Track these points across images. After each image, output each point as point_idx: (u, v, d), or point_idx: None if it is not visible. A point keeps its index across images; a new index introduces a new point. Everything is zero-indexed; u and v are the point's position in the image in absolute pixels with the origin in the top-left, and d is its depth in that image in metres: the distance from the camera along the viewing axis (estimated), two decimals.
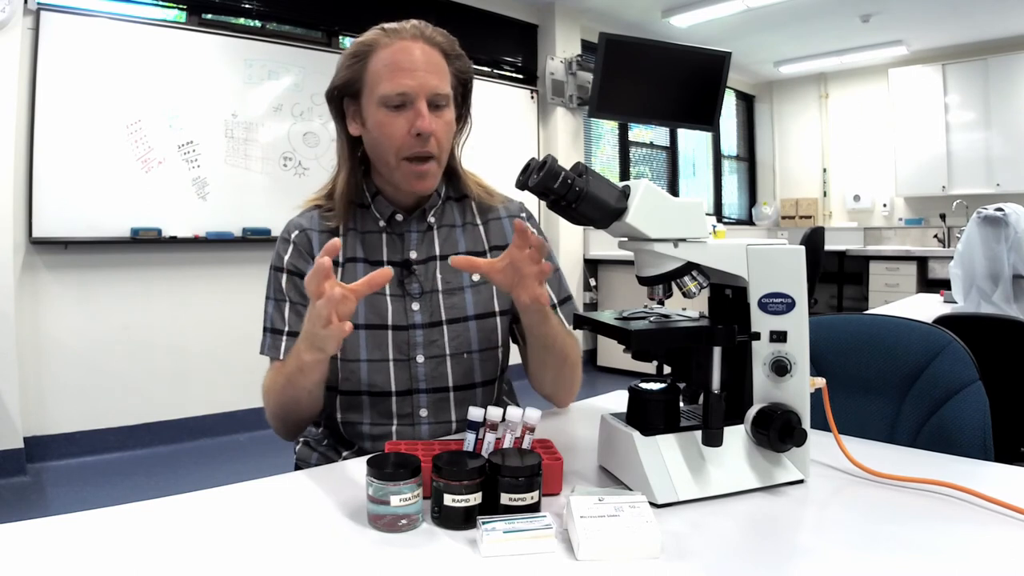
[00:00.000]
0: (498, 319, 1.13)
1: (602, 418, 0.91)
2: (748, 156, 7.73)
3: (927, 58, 6.27)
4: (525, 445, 0.83)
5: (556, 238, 5.08)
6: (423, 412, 1.08)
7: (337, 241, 0.83)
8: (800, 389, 0.85)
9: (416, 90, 1.00)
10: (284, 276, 1.09)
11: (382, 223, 1.12)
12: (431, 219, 1.13)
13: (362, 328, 1.06)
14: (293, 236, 1.11)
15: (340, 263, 1.10)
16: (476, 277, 1.11)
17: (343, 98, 1.07)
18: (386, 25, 1.04)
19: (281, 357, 1.05)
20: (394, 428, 1.08)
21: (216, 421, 3.52)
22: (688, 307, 0.89)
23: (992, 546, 0.69)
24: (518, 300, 0.95)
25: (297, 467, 1.17)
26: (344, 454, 1.11)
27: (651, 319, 0.86)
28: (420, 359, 1.08)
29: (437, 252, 1.11)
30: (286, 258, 1.10)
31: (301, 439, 1.19)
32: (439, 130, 1.02)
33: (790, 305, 0.84)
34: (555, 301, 1.16)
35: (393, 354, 1.07)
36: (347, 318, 0.84)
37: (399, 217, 1.11)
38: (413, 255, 1.11)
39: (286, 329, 1.08)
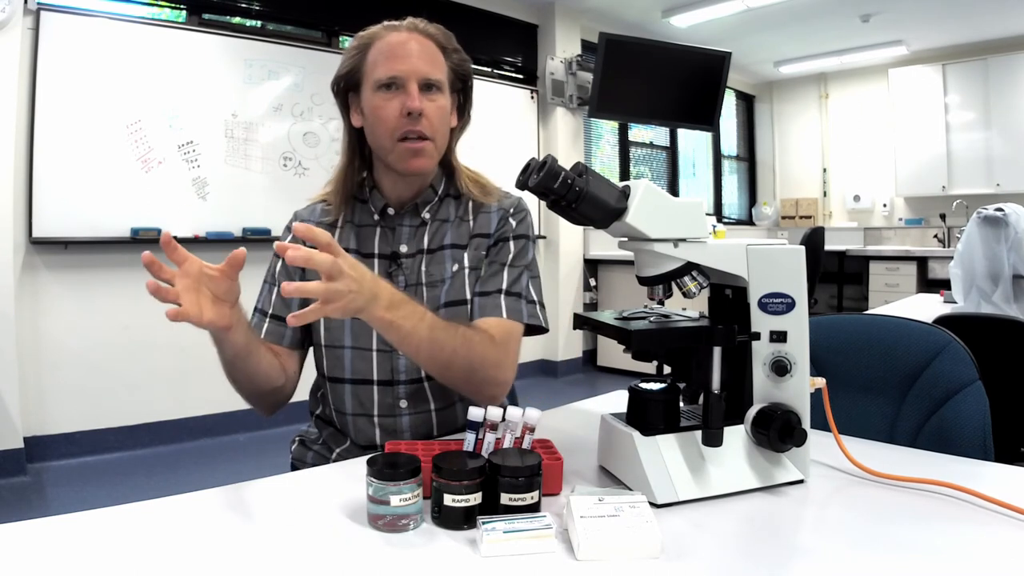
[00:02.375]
0: (468, 307, 1.13)
1: (602, 418, 0.91)
2: (748, 156, 7.72)
3: (927, 58, 6.27)
4: (525, 445, 0.83)
5: (556, 238, 5.08)
6: (403, 403, 1.11)
7: (306, 228, 0.83)
8: (800, 389, 0.85)
9: (407, 74, 1.04)
10: (279, 262, 1.14)
11: (376, 216, 1.14)
12: (425, 215, 1.15)
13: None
14: (293, 225, 1.12)
15: None
16: (455, 268, 1.12)
17: (347, 92, 1.11)
18: (387, 22, 1.09)
19: (261, 336, 1.11)
20: (376, 419, 1.11)
21: (216, 421, 3.51)
22: (688, 307, 0.89)
23: (992, 546, 0.69)
24: None
25: (293, 466, 1.19)
26: (335, 452, 1.13)
27: (651, 319, 0.86)
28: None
29: (425, 246, 1.14)
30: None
31: (297, 438, 1.21)
32: (431, 112, 1.06)
33: (790, 305, 0.84)
34: (494, 289, 1.10)
35: (377, 344, 1.10)
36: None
37: (391, 211, 1.14)
38: (403, 248, 1.13)
39: (269, 311, 1.13)
